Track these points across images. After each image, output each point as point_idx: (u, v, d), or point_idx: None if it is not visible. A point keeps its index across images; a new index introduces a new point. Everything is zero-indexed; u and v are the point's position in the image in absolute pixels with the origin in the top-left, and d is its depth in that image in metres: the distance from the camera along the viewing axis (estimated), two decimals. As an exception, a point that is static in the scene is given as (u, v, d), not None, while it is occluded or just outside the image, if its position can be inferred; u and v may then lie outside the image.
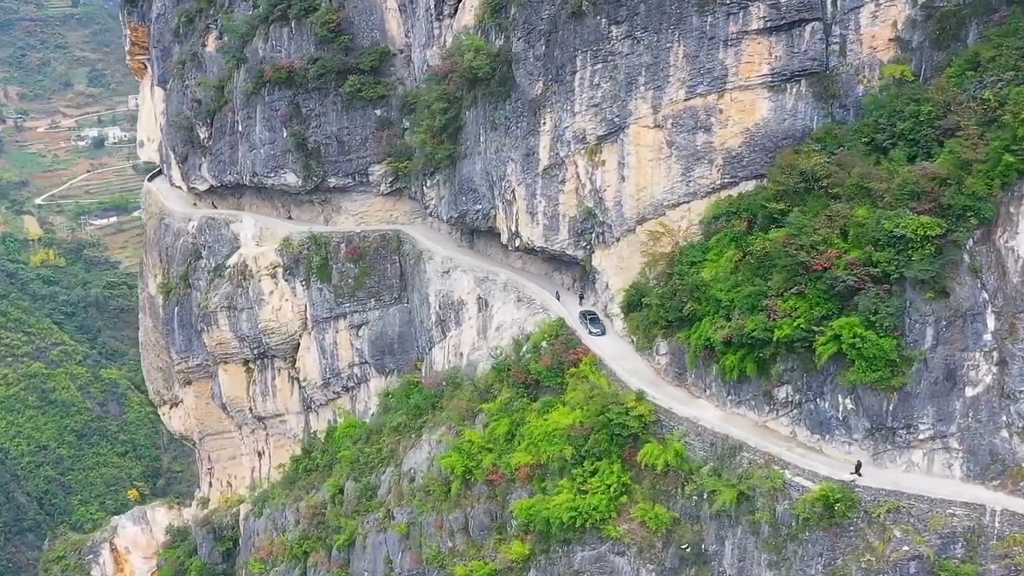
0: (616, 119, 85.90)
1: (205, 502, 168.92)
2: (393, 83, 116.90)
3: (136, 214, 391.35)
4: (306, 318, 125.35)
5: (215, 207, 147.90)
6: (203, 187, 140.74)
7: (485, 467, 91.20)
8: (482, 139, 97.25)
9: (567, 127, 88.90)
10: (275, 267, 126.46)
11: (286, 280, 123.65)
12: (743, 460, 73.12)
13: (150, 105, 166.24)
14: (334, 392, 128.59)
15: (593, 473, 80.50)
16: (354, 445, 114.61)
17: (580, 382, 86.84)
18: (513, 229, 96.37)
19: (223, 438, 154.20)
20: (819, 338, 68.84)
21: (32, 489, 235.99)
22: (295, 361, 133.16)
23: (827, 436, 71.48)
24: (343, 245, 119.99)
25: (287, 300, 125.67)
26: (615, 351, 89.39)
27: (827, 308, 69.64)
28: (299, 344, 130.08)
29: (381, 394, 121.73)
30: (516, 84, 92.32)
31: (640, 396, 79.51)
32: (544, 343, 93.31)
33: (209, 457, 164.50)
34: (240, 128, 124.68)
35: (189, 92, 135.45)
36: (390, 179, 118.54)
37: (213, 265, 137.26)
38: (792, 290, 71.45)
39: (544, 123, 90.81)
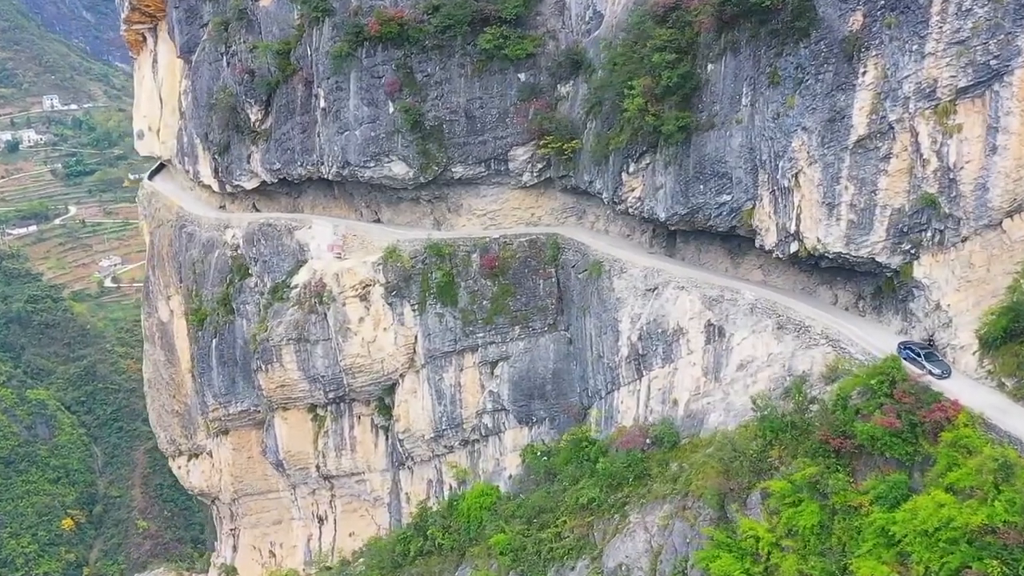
0: (992, 61, 57.99)
1: (230, 572, 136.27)
2: (542, 38, 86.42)
3: (58, 222, 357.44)
4: (414, 352, 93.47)
5: (256, 209, 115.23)
6: (251, 184, 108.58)
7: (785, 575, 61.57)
8: (746, 101, 67.87)
9: (907, 77, 60.43)
10: (366, 286, 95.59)
11: (389, 304, 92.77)
12: None
13: (152, 86, 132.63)
14: (446, 447, 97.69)
15: (1041, 603, 51.30)
16: (508, 525, 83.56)
17: (961, 454, 57.58)
18: (791, 228, 66.64)
19: (267, 499, 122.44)
20: None
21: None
22: (386, 407, 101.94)
23: None
24: (476, 256, 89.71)
25: (386, 329, 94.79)
26: (982, 402, 60.29)
27: None
28: (396, 385, 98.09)
29: (525, 451, 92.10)
30: (817, 18, 62.44)
31: (1108, 481, 50.43)
32: (855, 392, 63.91)
33: (233, 516, 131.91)
34: (323, 104, 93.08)
35: (237, 61, 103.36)
36: (538, 166, 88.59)
37: (269, 285, 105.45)
38: None
39: (864, 72, 62.19)
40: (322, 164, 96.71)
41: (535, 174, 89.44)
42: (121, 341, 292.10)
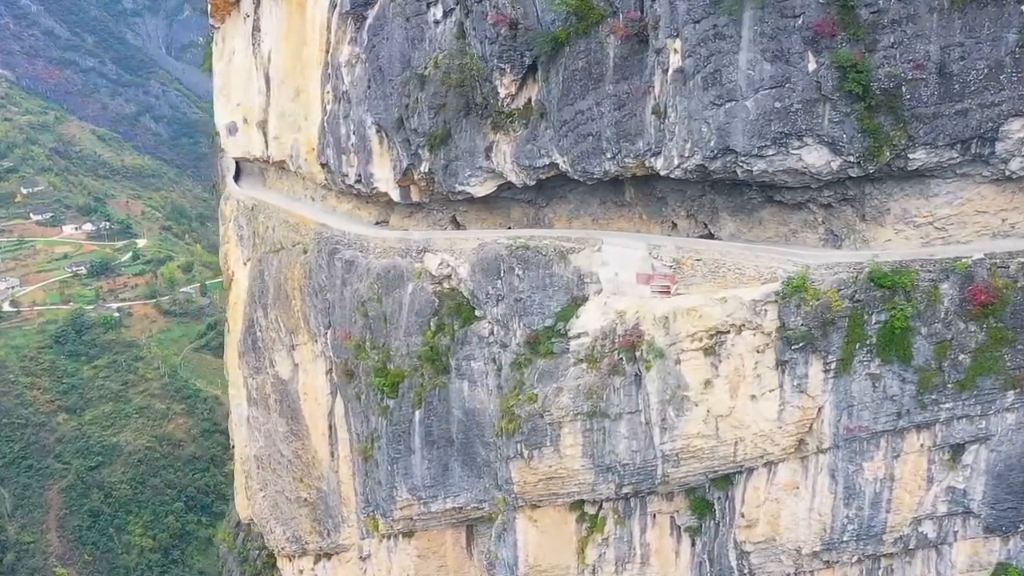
0: None
1: None
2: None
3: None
4: (809, 431, 61.29)
5: (457, 224, 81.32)
6: (484, 189, 75.25)
7: None
8: None
9: None
10: (717, 335, 62.49)
11: (784, 362, 59.75)
12: None
13: (250, 63, 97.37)
14: (827, 562, 65.45)
15: None
16: None
17: None
18: None
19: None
20: None
21: None
22: (703, 503, 69.94)
23: None
24: (948, 287, 58.60)
25: (756, 397, 64.52)
26: None
27: None
28: (738, 475, 65.83)
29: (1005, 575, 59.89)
30: None
31: None
32: None
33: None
34: (678, 63, 60.89)
35: (490, 8, 69.27)
36: (1048, 145, 56.90)
37: (521, 334, 72.28)
38: None
39: None
40: (657, 155, 63.08)
41: (1039, 156, 57.97)
42: (25, 371, 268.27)
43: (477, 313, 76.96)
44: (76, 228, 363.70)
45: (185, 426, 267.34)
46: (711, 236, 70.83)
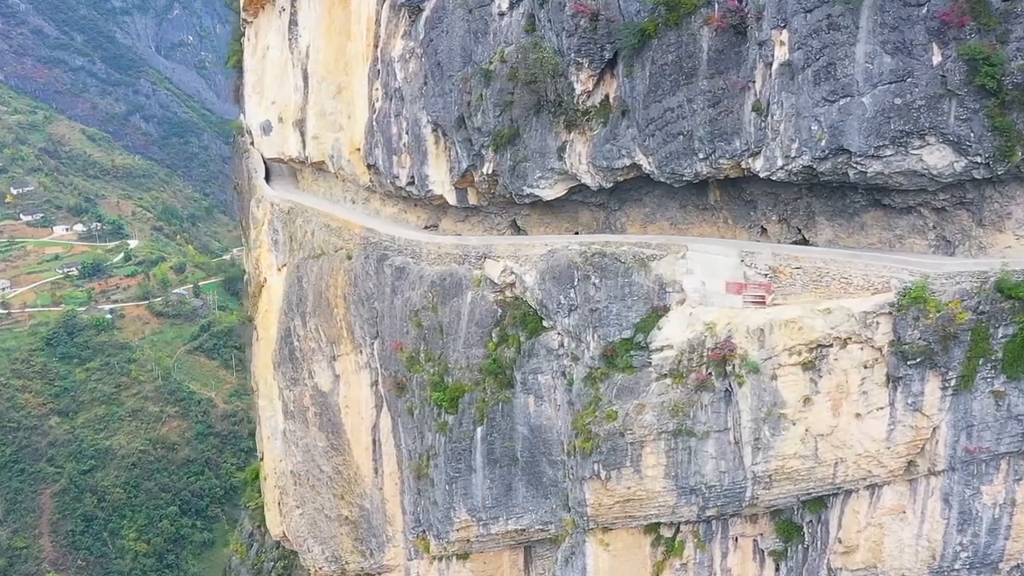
0: None
1: None
2: None
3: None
4: (922, 451, 56.76)
5: (517, 228, 76.58)
6: (554, 191, 70.63)
7: None
8: None
9: None
10: (817, 348, 57.85)
11: (897, 378, 54.99)
12: None
13: (286, 59, 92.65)
14: None
15: None
16: None
17: None
18: None
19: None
20: None
21: None
22: (791, 525, 65.05)
23: None
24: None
25: (860, 416, 59.57)
26: None
27: None
28: (832, 497, 61.35)
29: None
30: None
31: None
32: None
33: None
34: (784, 56, 56.79)
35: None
36: None
37: (596, 346, 67.60)
38: None
39: None
40: (756, 155, 58.42)
41: None
42: (17, 373, 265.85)
43: (545, 324, 72.13)
44: (67, 229, 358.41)
45: (179, 429, 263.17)
46: (804, 242, 66.04)
